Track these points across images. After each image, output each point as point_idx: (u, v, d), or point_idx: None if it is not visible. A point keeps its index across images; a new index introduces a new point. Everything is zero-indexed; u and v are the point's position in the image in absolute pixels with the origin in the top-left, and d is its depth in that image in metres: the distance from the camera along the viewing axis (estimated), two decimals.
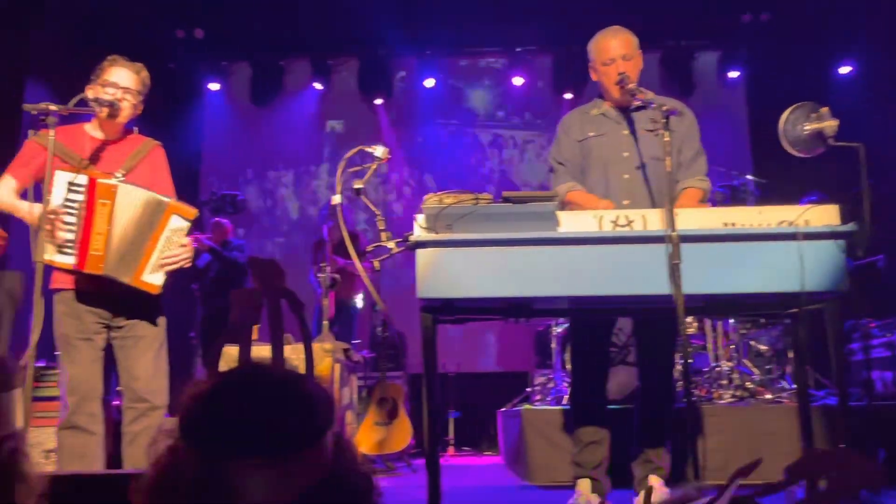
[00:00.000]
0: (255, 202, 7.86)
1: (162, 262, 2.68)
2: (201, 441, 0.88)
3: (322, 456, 0.91)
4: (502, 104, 7.87)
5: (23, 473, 1.03)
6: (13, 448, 1.03)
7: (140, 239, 2.66)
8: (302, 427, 0.90)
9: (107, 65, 2.81)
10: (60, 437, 2.62)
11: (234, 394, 0.93)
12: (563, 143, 3.01)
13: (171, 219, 2.70)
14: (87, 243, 2.58)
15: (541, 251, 2.36)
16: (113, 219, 2.61)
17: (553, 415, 4.25)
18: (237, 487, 0.85)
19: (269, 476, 0.86)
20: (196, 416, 0.91)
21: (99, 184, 2.61)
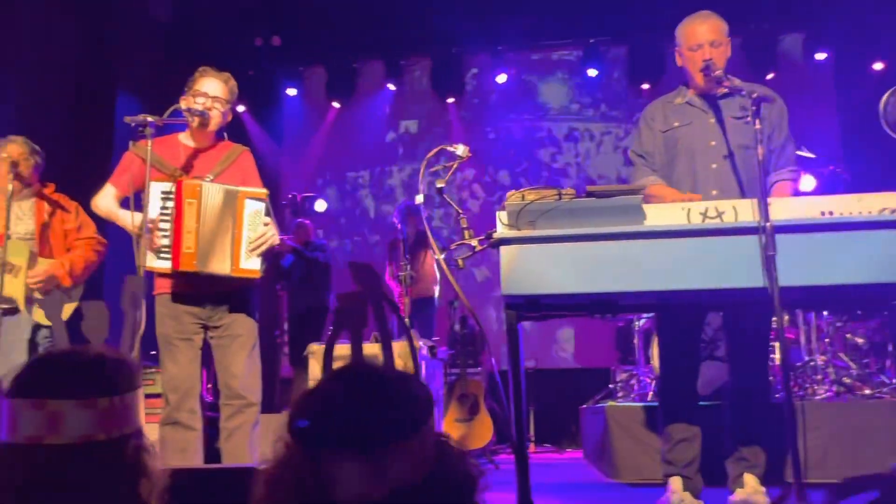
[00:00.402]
0: (333, 203, 8.02)
1: (252, 245, 2.77)
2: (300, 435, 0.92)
3: (420, 452, 0.93)
4: (576, 97, 7.77)
5: (147, 469, 1.08)
6: (137, 445, 1.08)
7: (226, 230, 2.75)
8: (394, 422, 0.92)
9: (197, 76, 2.93)
10: (162, 433, 2.74)
11: (334, 391, 0.96)
12: (644, 135, 2.94)
13: (246, 203, 2.79)
14: (180, 242, 2.69)
15: (627, 246, 2.32)
16: (200, 216, 2.71)
17: (638, 411, 4.18)
18: (334, 479, 0.88)
19: (364, 468, 0.88)
20: (298, 412, 0.95)
21: (185, 184, 2.72)
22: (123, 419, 1.06)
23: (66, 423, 0.99)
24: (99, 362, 1.08)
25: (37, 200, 3.70)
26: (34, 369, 1.05)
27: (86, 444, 1.00)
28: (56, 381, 1.02)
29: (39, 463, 0.98)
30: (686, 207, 2.37)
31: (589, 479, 4.38)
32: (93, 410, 1.01)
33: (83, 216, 3.80)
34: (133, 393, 1.09)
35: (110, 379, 1.06)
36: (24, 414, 0.99)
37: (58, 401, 0.99)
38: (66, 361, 1.07)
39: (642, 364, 5.39)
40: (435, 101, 7.97)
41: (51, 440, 0.98)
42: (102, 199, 2.92)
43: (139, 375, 1.13)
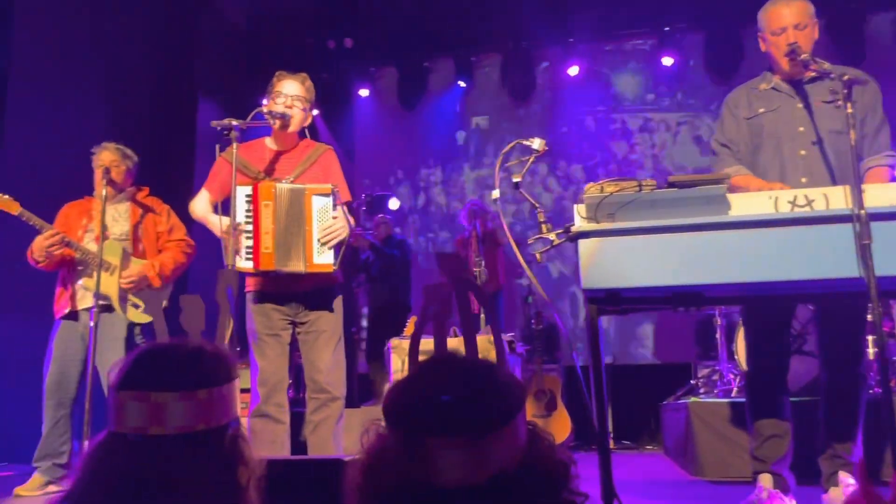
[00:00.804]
0: (406, 201, 8.11)
1: (323, 239, 2.83)
2: (402, 422, 0.94)
3: (515, 439, 0.94)
4: (651, 87, 7.60)
5: (244, 457, 1.13)
6: (235, 434, 1.13)
7: (298, 229, 2.82)
8: (493, 409, 0.94)
9: (275, 80, 3.03)
10: (252, 425, 2.84)
11: (430, 379, 0.98)
12: (727, 123, 2.86)
13: (313, 199, 2.85)
14: (258, 243, 2.78)
15: (712, 236, 2.26)
16: (276, 217, 2.79)
17: (723, 407, 4.07)
18: (435, 465, 0.90)
19: (464, 454, 0.90)
20: (397, 400, 0.97)
21: (260, 187, 2.81)
22: (221, 409, 1.10)
23: (169, 414, 1.04)
24: (198, 355, 1.12)
25: (131, 203, 3.89)
26: (138, 363, 1.10)
27: (187, 435, 1.05)
28: (158, 375, 1.07)
29: (144, 452, 1.03)
30: (773, 196, 2.29)
31: (671, 476, 4.30)
32: (193, 402, 1.06)
33: (174, 219, 3.97)
34: (230, 384, 1.13)
35: (209, 371, 1.11)
36: (129, 405, 1.05)
37: (160, 393, 1.04)
38: (168, 355, 1.12)
39: (725, 359, 5.25)
40: (505, 96, 7.95)
41: (154, 430, 1.04)
42: (197, 204, 3.05)
43: (235, 367, 1.17)
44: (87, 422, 3.33)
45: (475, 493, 0.90)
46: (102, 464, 1.04)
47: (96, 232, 3.68)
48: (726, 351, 5.24)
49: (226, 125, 2.71)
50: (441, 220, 8.06)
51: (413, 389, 0.98)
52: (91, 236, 3.76)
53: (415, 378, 1.00)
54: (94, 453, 1.06)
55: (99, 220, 3.63)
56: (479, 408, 0.94)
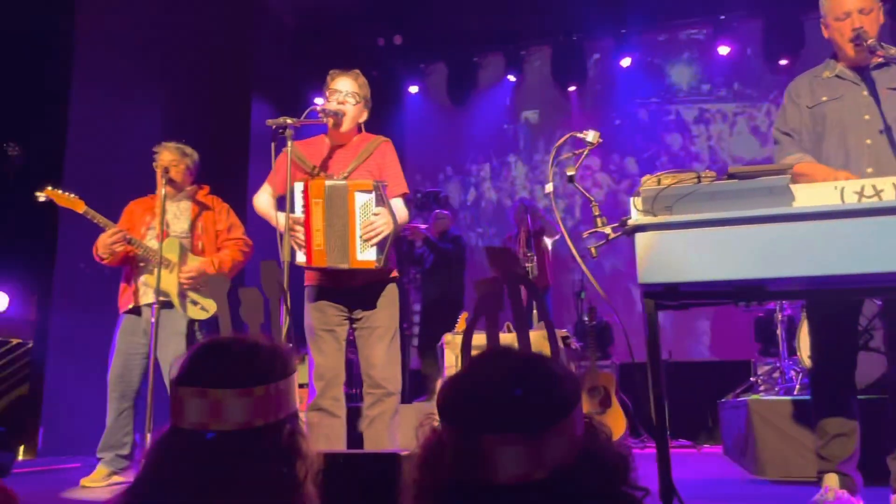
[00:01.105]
0: (455, 196, 8.11)
1: (365, 236, 2.83)
2: (458, 419, 0.93)
3: (572, 433, 0.92)
4: (707, 77, 7.44)
5: (302, 451, 1.14)
6: (293, 429, 1.14)
7: (343, 225, 2.83)
8: (550, 403, 0.92)
9: (329, 78, 3.07)
10: (308, 418, 2.88)
11: (485, 375, 0.97)
12: (789, 112, 2.77)
13: (356, 196, 2.85)
14: (311, 240, 2.81)
15: (775, 229, 2.19)
16: (325, 214, 2.81)
17: (785, 405, 3.96)
18: (493, 462, 0.88)
19: (522, 450, 0.88)
20: (452, 396, 0.96)
21: (311, 185, 2.83)
22: (279, 405, 1.11)
23: (227, 410, 1.06)
24: (255, 351, 1.13)
25: (192, 202, 3.98)
26: (197, 358, 1.12)
27: (245, 430, 1.07)
28: (216, 371, 1.09)
29: (204, 447, 1.05)
30: (839, 186, 2.21)
31: (730, 474, 4.20)
32: (250, 398, 1.07)
33: (233, 217, 4.06)
34: (287, 379, 1.14)
35: (266, 367, 1.12)
36: (189, 401, 1.07)
37: (218, 390, 1.06)
38: (226, 351, 1.13)
39: (786, 356, 5.10)
40: (556, 89, 7.88)
41: (214, 427, 1.05)
42: (260, 199, 3.11)
43: (293, 361, 1.18)
44: (149, 414, 3.42)
45: (533, 489, 0.89)
46: (164, 458, 1.07)
47: (158, 230, 3.78)
48: (788, 347, 5.09)
49: (281, 123, 2.74)
50: (491, 216, 8.04)
51: (467, 385, 0.97)
52: (153, 234, 3.86)
53: (469, 373, 0.99)
54: (157, 448, 1.08)
55: (160, 218, 3.73)
56: (536, 403, 0.92)
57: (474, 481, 0.90)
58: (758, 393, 4.95)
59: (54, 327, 5.51)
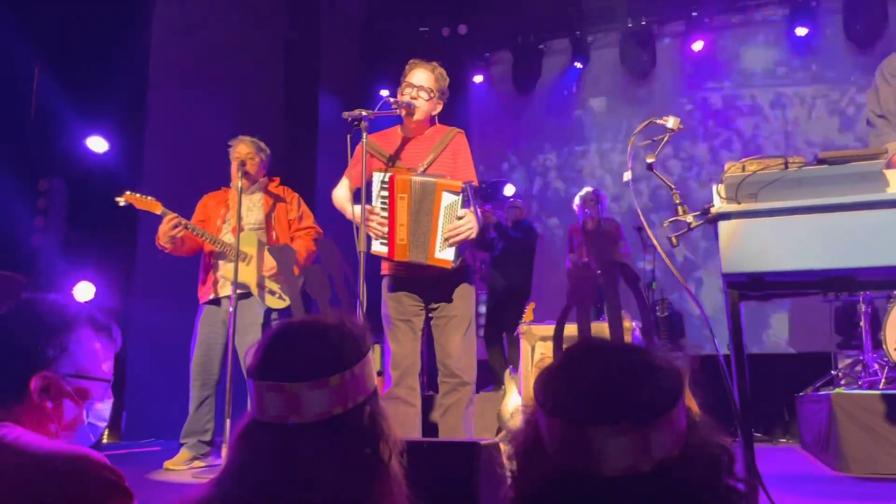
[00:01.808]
0: (521, 186, 8.05)
1: (446, 236, 2.85)
2: (563, 411, 0.92)
3: (677, 424, 0.90)
4: (783, 59, 7.16)
5: (384, 432, 1.13)
6: (373, 410, 1.12)
7: (427, 221, 2.85)
8: (656, 395, 0.91)
9: (407, 69, 3.08)
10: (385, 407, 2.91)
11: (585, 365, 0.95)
12: (884, 92, 2.64)
13: (443, 196, 2.86)
14: (394, 234, 2.84)
15: (867, 216, 2.10)
16: (410, 210, 2.83)
17: (871, 400, 3.81)
18: (598, 454, 0.87)
19: (629, 442, 0.87)
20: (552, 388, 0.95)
21: (397, 180, 2.85)
22: (355, 389, 1.09)
23: (304, 403, 1.05)
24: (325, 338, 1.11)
25: (264, 193, 4.06)
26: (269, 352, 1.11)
27: (326, 420, 1.06)
28: (289, 365, 1.08)
29: (286, 439, 1.05)
30: None
31: (811, 470, 4.06)
32: (326, 389, 1.06)
33: (304, 207, 4.13)
34: (362, 361, 1.11)
35: (339, 354, 1.10)
36: (266, 395, 1.06)
37: (293, 384, 1.05)
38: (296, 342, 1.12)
39: (870, 349, 4.89)
40: (624, 76, 7.73)
41: (294, 420, 1.05)
42: (338, 193, 3.15)
43: (366, 340, 1.15)
44: (228, 401, 3.53)
45: (639, 482, 0.88)
46: (248, 451, 1.07)
47: (233, 223, 3.87)
48: (871, 340, 4.88)
49: (356, 116, 2.77)
50: (557, 206, 7.95)
51: (568, 376, 0.95)
52: (228, 227, 3.96)
53: (568, 364, 0.97)
54: (239, 441, 1.09)
55: (235, 210, 3.81)
56: (642, 393, 0.90)
57: (580, 473, 0.89)
58: (839, 387, 4.77)
59: (136, 316, 5.73)
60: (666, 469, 0.89)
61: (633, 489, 0.88)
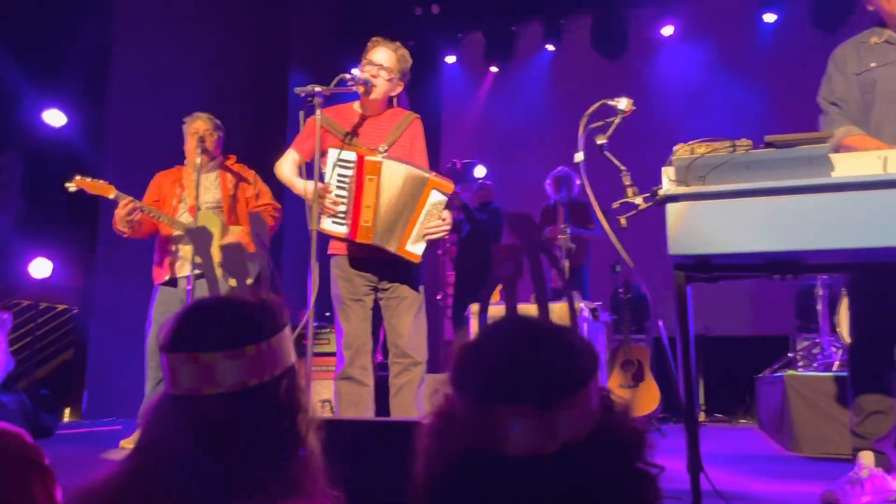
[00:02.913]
0: (493, 169, 8.03)
1: (424, 233, 2.85)
2: (469, 388, 0.91)
3: (587, 407, 0.90)
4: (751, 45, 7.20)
5: (301, 405, 1.12)
6: (290, 383, 1.11)
7: (404, 211, 2.84)
8: (565, 376, 0.89)
9: (370, 46, 3.04)
10: (337, 387, 2.91)
11: (500, 343, 0.95)
12: (835, 80, 2.66)
13: (432, 193, 2.86)
14: (358, 215, 2.80)
15: (813, 199, 2.12)
16: (379, 193, 2.81)
17: (822, 381, 3.89)
18: (503, 433, 0.87)
19: (533, 422, 0.86)
20: (464, 365, 0.94)
21: (367, 161, 2.82)
22: (272, 362, 1.08)
23: (219, 373, 1.04)
24: (242, 310, 1.10)
25: (221, 171, 4.00)
26: (183, 323, 1.09)
27: (241, 391, 1.05)
28: (205, 334, 1.06)
29: (201, 412, 1.04)
30: (882, 156, 2.13)
31: (765, 450, 4.15)
32: (242, 359, 1.05)
33: (261, 184, 4.07)
34: (279, 335, 1.11)
35: (255, 325, 1.09)
36: (180, 367, 1.05)
37: (207, 353, 1.04)
38: (212, 313, 1.11)
39: (826, 332, 4.98)
40: (596, 60, 7.72)
41: (208, 391, 1.04)
42: (284, 166, 3.09)
43: (284, 315, 1.14)
44: None
45: (544, 462, 0.87)
46: (162, 426, 1.06)
47: (189, 202, 3.80)
48: (828, 323, 4.97)
49: (309, 91, 2.73)
50: (528, 189, 7.95)
51: (480, 354, 0.95)
52: (185, 206, 3.88)
53: (482, 341, 0.97)
54: (154, 416, 1.08)
55: (192, 189, 3.75)
56: (550, 374, 0.89)
57: (484, 452, 0.88)
58: (796, 369, 4.85)
59: (97, 294, 5.65)
60: (573, 451, 0.88)
61: (538, 470, 0.87)
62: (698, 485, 2.23)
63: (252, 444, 1.04)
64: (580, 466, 0.88)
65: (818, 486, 2.54)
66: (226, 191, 3.96)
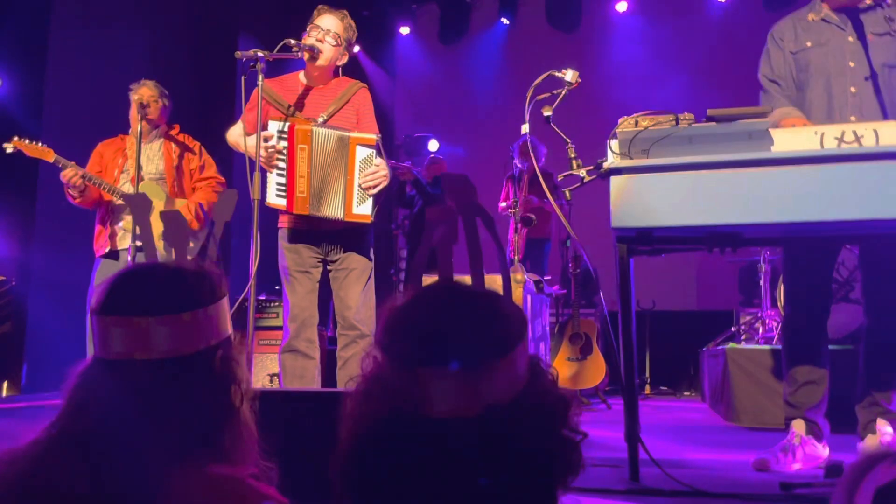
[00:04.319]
0: (447, 141, 8.00)
1: (364, 186, 2.81)
2: (393, 350, 0.90)
3: (513, 372, 0.90)
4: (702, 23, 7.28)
5: (236, 377, 1.10)
6: (225, 354, 1.10)
7: (338, 176, 2.79)
8: (489, 340, 0.89)
9: (315, 13, 2.96)
10: (283, 360, 2.87)
11: (427, 307, 0.94)
12: (774, 57, 2.69)
13: (357, 149, 2.81)
14: (293, 186, 2.76)
15: (752, 174, 2.15)
16: (312, 161, 2.76)
17: (762, 355, 3.99)
18: (426, 395, 0.86)
19: (457, 385, 0.86)
20: (390, 327, 0.94)
21: (297, 130, 2.76)
22: (208, 331, 1.07)
23: (153, 339, 1.01)
24: (180, 277, 1.09)
25: (165, 141, 3.88)
26: (118, 287, 1.07)
27: (175, 359, 1.03)
28: (139, 299, 1.04)
29: (131, 377, 1.01)
30: (819, 132, 2.17)
31: (706, 421, 4.25)
32: (177, 325, 1.03)
33: (205, 156, 3.96)
34: (216, 304, 1.09)
35: (193, 292, 1.07)
36: (112, 331, 1.02)
37: (142, 318, 1.02)
38: (149, 278, 1.08)
39: (768, 306, 5.12)
40: (550, 34, 7.72)
41: (140, 356, 1.01)
42: (232, 133, 3.03)
43: (222, 285, 1.12)
44: None
45: (467, 425, 0.87)
46: (89, 389, 1.03)
47: (132, 172, 3.69)
48: (770, 298, 5.11)
49: (251, 56, 2.66)
50: (483, 162, 7.94)
51: (407, 316, 0.94)
52: (127, 177, 3.76)
53: (410, 305, 0.96)
54: (80, 380, 1.04)
55: (134, 158, 3.63)
56: (475, 338, 0.89)
57: (409, 412, 0.88)
58: (738, 342, 4.98)
59: (36, 265, 5.48)
60: (496, 414, 0.88)
61: (461, 431, 0.87)
62: (636, 453, 2.27)
63: (183, 413, 1.02)
64: (504, 429, 0.88)
65: (753, 455, 2.61)
66: (170, 161, 3.84)
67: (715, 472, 2.49)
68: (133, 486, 0.97)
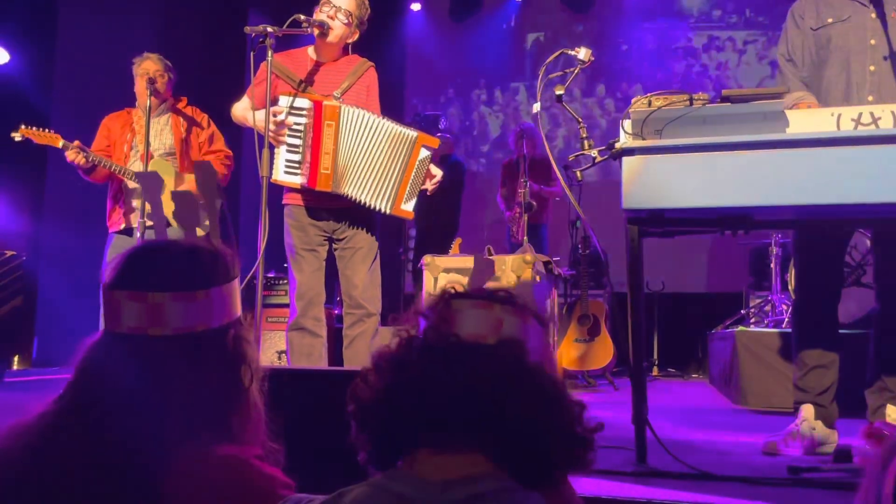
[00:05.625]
0: (457, 121, 7.94)
1: (414, 189, 2.87)
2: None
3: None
4: (719, 2, 7.16)
5: (246, 357, 1.10)
6: (237, 334, 1.10)
7: (393, 169, 2.83)
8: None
9: None
10: (290, 338, 2.88)
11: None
12: (792, 35, 2.63)
13: (421, 150, 2.86)
14: (317, 163, 2.74)
15: (766, 155, 2.12)
16: (337, 139, 2.74)
17: (770, 337, 3.97)
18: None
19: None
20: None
21: (325, 106, 2.75)
22: (221, 310, 1.07)
23: (167, 315, 1.01)
24: (196, 255, 1.09)
25: (172, 115, 3.85)
26: (133, 261, 1.07)
27: (187, 336, 1.03)
28: (155, 274, 1.04)
29: (143, 352, 1.01)
30: (836, 113, 2.13)
31: (713, 404, 4.25)
32: (192, 303, 1.03)
33: (213, 128, 3.93)
34: (230, 284, 1.10)
35: (208, 271, 1.07)
36: (126, 305, 1.02)
37: (157, 293, 1.02)
38: (165, 254, 1.09)
39: (778, 290, 5.09)
40: (563, 11, 7.62)
41: (154, 332, 1.01)
42: (237, 108, 3.02)
43: (236, 266, 1.13)
44: None
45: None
46: (99, 361, 1.03)
47: (141, 149, 3.66)
48: (780, 281, 5.07)
49: (261, 31, 2.63)
50: (493, 141, 7.90)
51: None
52: (136, 153, 3.74)
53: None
54: (91, 353, 1.04)
55: (143, 133, 3.62)
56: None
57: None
58: (747, 325, 4.96)
59: (46, 240, 5.50)
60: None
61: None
62: (644, 435, 2.27)
63: (192, 390, 1.02)
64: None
65: (760, 437, 2.61)
66: (178, 135, 3.82)
67: (722, 455, 2.48)
68: (139, 462, 0.97)
